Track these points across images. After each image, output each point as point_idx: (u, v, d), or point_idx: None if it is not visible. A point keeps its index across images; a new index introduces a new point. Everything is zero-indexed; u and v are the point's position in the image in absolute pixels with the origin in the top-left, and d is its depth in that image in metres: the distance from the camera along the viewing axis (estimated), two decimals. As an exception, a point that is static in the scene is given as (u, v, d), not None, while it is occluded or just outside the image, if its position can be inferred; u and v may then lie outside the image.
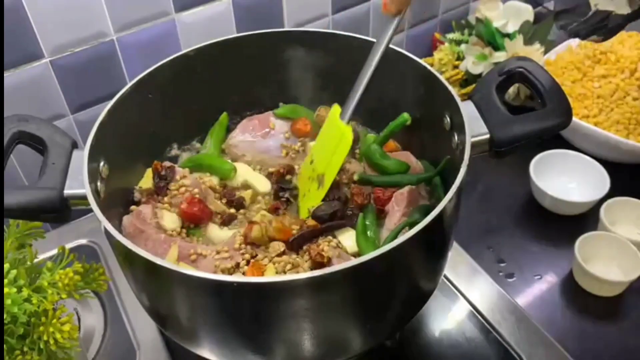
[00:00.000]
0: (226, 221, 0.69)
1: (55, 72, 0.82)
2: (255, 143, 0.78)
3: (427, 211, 0.54)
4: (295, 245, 0.63)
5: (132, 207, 0.68)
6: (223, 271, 0.60)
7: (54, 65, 0.81)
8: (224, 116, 0.81)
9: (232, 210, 0.70)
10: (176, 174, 0.71)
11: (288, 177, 0.74)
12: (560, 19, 0.76)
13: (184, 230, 0.67)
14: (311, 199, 0.68)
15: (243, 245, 0.62)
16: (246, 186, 0.75)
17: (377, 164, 0.72)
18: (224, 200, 0.71)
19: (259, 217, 0.66)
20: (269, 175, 0.76)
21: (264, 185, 0.74)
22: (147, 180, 0.71)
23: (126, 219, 0.67)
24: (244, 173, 0.75)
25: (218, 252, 0.62)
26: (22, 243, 0.65)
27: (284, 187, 0.73)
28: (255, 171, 0.76)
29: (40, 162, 0.60)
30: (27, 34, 0.77)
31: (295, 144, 0.78)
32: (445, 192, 0.65)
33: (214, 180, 0.74)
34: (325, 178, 0.66)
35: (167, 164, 0.72)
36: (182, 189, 0.69)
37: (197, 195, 0.69)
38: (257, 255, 0.62)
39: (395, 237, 0.63)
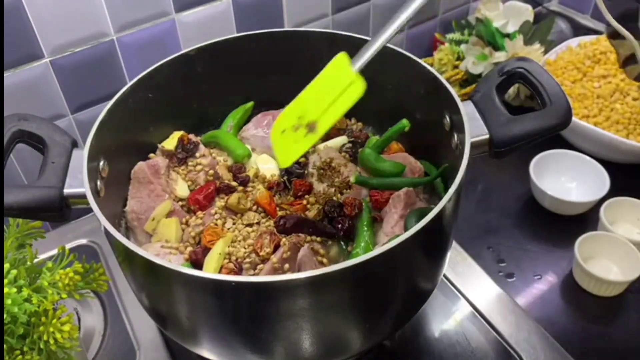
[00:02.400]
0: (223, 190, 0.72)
1: (55, 72, 0.82)
2: (266, 139, 0.79)
3: (423, 215, 0.53)
4: (285, 225, 0.64)
5: (151, 155, 0.74)
6: (193, 237, 0.67)
7: (54, 65, 0.82)
8: (250, 104, 0.83)
9: (234, 183, 0.72)
10: (198, 150, 0.75)
11: (302, 160, 0.75)
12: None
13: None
14: (298, 144, 0.61)
15: (220, 211, 0.68)
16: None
17: (373, 168, 0.72)
18: (231, 175, 0.74)
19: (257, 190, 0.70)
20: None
21: (272, 171, 0.76)
22: (171, 142, 0.75)
23: (140, 164, 0.71)
24: (256, 159, 0.77)
25: (197, 217, 0.69)
26: (22, 243, 0.65)
27: (291, 170, 0.74)
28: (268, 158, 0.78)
29: (40, 161, 0.60)
30: (27, 34, 0.77)
31: None
32: (444, 188, 0.65)
33: (230, 162, 0.76)
34: (318, 125, 0.60)
35: (193, 138, 0.76)
36: (199, 167, 0.73)
37: (211, 177, 0.72)
38: (226, 221, 0.67)
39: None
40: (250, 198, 0.70)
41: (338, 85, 0.59)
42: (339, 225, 0.67)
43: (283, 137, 0.62)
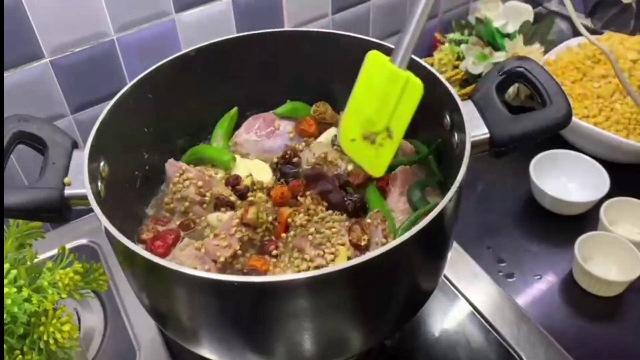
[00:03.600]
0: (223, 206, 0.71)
1: (55, 72, 0.82)
2: (259, 142, 0.79)
3: (425, 186, 0.64)
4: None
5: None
6: (223, 263, 0.62)
7: (54, 65, 0.81)
8: (234, 111, 0.82)
9: (233, 199, 0.71)
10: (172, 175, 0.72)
11: (296, 159, 0.75)
12: (596, 13, 0.74)
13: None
14: (382, 148, 0.61)
15: (239, 228, 0.64)
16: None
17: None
18: (229, 188, 0.73)
19: (257, 198, 0.69)
20: (272, 164, 0.76)
21: (265, 175, 0.75)
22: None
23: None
24: (246, 165, 0.77)
25: (215, 236, 0.64)
26: (22, 243, 0.65)
27: (286, 171, 0.73)
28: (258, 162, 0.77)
29: (41, 162, 0.60)
30: (27, 34, 0.77)
31: (300, 143, 0.78)
32: (440, 168, 0.70)
33: (220, 174, 0.75)
34: (393, 131, 0.59)
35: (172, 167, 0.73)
36: (187, 182, 0.70)
37: (202, 189, 0.70)
38: (250, 237, 0.64)
39: (411, 225, 0.66)
40: (263, 209, 0.66)
41: (391, 86, 0.57)
42: (348, 202, 0.68)
43: (358, 147, 0.61)
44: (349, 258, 0.62)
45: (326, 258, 0.61)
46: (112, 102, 0.65)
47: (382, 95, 0.58)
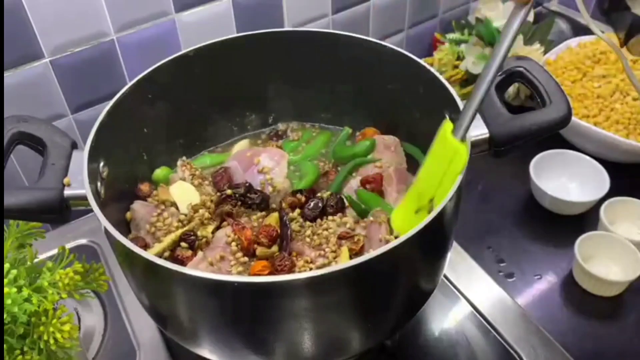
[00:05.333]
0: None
1: (55, 72, 0.82)
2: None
3: None
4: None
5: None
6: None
7: (54, 65, 0.82)
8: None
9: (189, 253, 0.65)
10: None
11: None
12: (611, 14, 0.74)
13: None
14: (418, 219, 0.58)
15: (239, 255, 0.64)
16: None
17: (347, 155, 0.75)
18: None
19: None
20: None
21: (192, 199, 0.71)
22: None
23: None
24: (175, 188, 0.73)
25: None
26: (22, 243, 0.65)
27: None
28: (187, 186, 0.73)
29: (40, 162, 0.60)
30: (27, 34, 0.77)
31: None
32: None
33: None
34: (435, 201, 0.59)
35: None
36: (168, 220, 0.68)
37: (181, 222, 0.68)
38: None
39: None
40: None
41: (444, 157, 0.57)
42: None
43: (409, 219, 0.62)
44: (350, 254, 0.62)
45: (328, 257, 0.61)
46: (111, 102, 0.65)
47: (436, 165, 0.58)
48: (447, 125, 0.58)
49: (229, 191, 0.70)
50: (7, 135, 0.59)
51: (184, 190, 0.72)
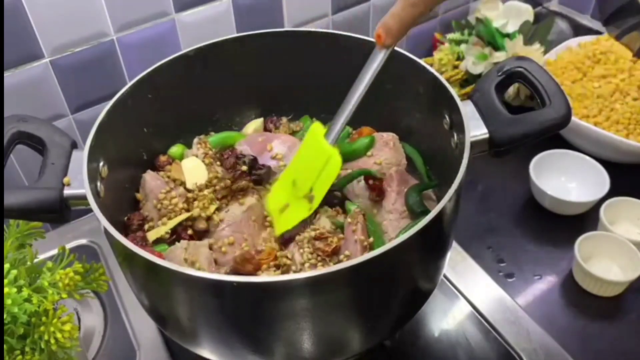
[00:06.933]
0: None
1: (55, 72, 0.82)
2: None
3: (422, 190, 0.68)
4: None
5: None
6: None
7: (54, 65, 0.82)
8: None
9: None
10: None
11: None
12: (612, 22, 0.74)
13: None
14: (298, 213, 0.65)
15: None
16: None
17: (347, 152, 0.74)
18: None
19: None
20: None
21: (200, 178, 0.72)
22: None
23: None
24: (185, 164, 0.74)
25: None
26: (22, 243, 0.65)
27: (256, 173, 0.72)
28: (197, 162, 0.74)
29: (40, 162, 0.60)
30: (27, 34, 0.77)
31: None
32: (428, 172, 0.73)
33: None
34: (315, 197, 0.63)
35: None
36: (175, 200, 0.69)
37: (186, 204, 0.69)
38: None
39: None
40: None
41: (317, 159, 0.63)
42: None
43: (280, 205, 0.66)
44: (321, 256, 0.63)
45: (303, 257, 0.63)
46: (111, 102, 0.65)
47: (310, 161, 0.64)
48: (317, 127, 0.64)
49: (244, 167, 0.71)
50: (7, 134, 0.59)
51: (194, 166, 0.73)
